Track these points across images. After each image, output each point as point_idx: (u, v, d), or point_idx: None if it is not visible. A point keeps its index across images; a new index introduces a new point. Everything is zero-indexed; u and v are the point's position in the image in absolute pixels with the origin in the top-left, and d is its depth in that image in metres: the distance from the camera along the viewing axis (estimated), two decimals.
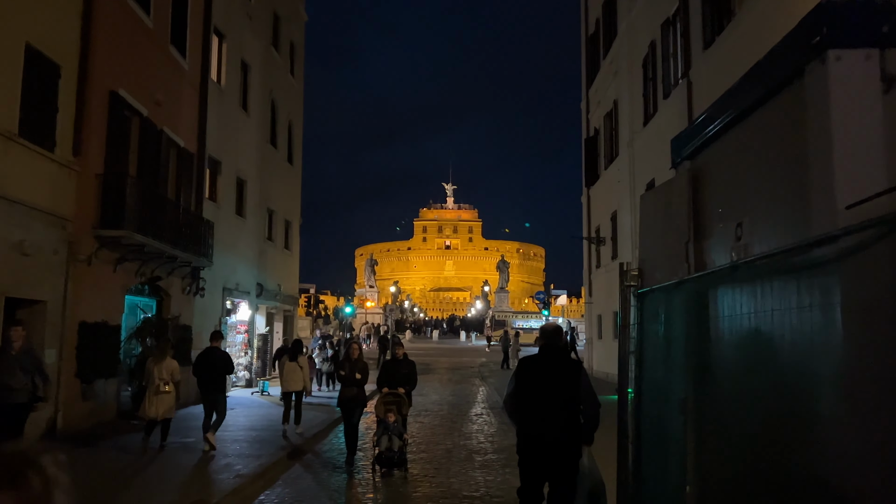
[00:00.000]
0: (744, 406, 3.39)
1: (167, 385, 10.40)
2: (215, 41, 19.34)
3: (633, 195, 20.57)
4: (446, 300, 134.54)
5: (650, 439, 4.80)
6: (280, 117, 25.74)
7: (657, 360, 4.80)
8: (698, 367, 3.94)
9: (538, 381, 5.64)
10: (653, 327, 4.91)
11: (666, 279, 4.55)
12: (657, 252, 4.95)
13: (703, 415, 3.86)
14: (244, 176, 21.43)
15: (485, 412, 16.01)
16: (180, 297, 16.62)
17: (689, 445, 4.04)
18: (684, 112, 15.59)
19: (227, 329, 19.70)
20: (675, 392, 4.37)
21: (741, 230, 3.52)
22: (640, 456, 5.03)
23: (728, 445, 3.55)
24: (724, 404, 3.60)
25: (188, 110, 17.22)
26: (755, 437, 3.27)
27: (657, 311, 4.79)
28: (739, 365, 3.44)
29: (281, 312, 26.52)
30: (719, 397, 3.66)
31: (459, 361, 35.76)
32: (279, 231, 25.77)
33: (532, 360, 5.83)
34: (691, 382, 4.06)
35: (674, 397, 4.38)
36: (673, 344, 4.41)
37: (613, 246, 23.48)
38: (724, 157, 3.92)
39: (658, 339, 4.78)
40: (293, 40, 27.91)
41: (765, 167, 3.35)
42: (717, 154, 4.04)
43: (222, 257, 19.23)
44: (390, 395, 9.33)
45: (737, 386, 3.49)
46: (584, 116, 28.39)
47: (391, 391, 9.48)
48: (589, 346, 27.58)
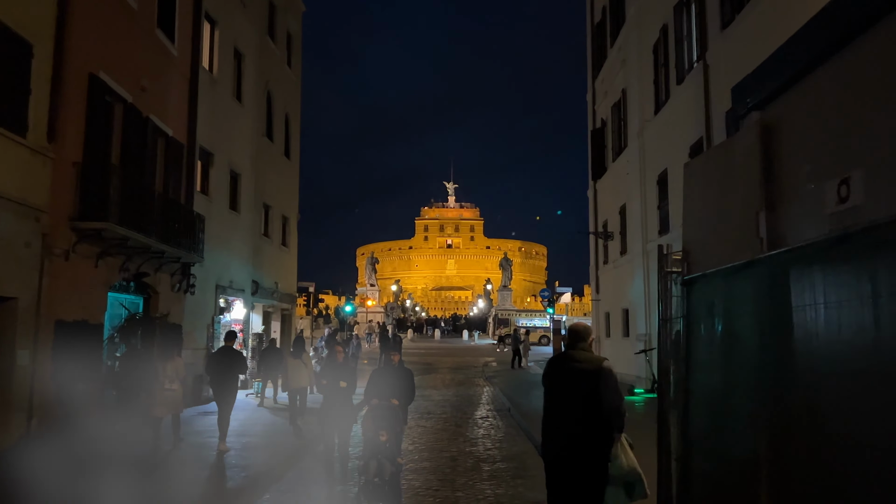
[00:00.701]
0: (855, 427, 2.53)
1: (173, 383, 10.82)
2: (207, 27, 18.51)
3: (644, 187, 19.73)
4: (448, 299, 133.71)
5: (704, 459, 3.94)
6: (276, 109, 24.90)
7: (712, 362, 3.92)
8: (779, 373, 3.07)
9: (556, 389, 5.10)
10: (705, 321, 4.03)
11: (725, 261, 3.67)
12: (710, 229, 4.07)
13: (787, 434, 3.01)
14: (238, 169, 20.59)
15: (490, 415, 15.17)
16: (169, 294, 15.79)
17: (765, 471, 3.19)
18: (700, 96, 14.72)
19: (221, 328, 18.87)
20: (741, 403, 3.50)
21: (847, 189, 2.66)
22: (689, 477, 4.17)
23: (828, 475, 2.69)
24: (823, 423, 2.75)
25: (177, 98, 16.39)
26: (872, 467, 2.41)
27: (712, 302, 3.91)
28: (849, 372, 2.58)
29: (278, 311, 25.70)
30: (815, 413, 2.80)
31: (462, 361, 34.93)
32: (276, 227, 24.94)
33: (552, 364, 5.30)
34: (766, 392, 3.21)
35: (739, 409, 3.52)
36: (737, 342, 3.54)
37: (622, 240, 22.61)
38: (816, 101, 3.05)
39: (714, 335, 3.89)
40: (290, 30, 27.06)
41: (890, 105, 2.48)
42: (804, 97, 3.17)
43: (215, 253, 18.40)
44: (381, 409, 7.65)
45: (843, 400, 2.63)
46: (590, 108, 27.53)
47: (382, 403, 7.81)
48: (596, 345, 26.71)
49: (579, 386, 4.76)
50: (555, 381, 5.07)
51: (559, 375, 5.04)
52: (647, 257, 19.48)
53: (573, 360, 4.95)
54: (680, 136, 16.56)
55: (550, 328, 39.66)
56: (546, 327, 47.69)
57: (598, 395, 4.64)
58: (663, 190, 18.09)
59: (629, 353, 20.85)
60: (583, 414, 4.69)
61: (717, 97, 14.06)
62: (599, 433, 4.68)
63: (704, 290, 4.08)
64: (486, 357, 37.27)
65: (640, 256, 19.90)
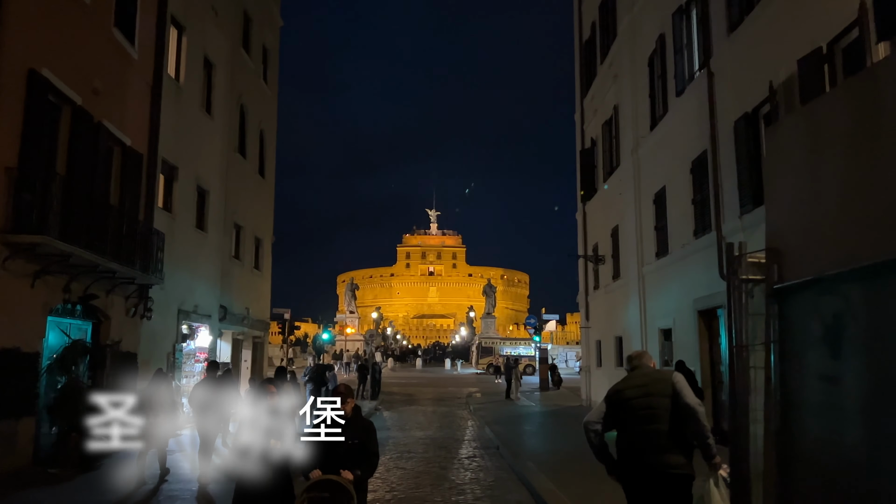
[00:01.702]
0: None
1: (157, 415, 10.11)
2: (173, 33, 17.26)
3: (639, 207, 18.60)
4: (430, 327, 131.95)
5: None
6: (250, 125, 23.62)
7: (831, 404, 2.63)
8: None
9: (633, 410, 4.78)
10: (816, 348, 2.75)
11: (849, 258, 2.36)
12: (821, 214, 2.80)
13: None
14: (206, 185, 19.19)
15: (478, 454, 13.72)
16: (123, 319, 14.27)
17: None
18: (704, 106, 13.66)
19: (183, 357, 17.31)
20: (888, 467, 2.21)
21: None
22: None
23: None
24: None
25: (137, 105, 15.05)
26: None
27: (832, 318, 2.63)
28: None
29: (249, 339, 24.13)
30: None
31: (445, 392, 33.36)
32: (248, 249, 23.48)
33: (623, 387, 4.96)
34: None
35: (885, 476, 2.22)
36: (882, 380, 2.27)
37: (614, 264, 21.43)
38: None
39: (832, 367, 2.62)
40: (266, 44, 25.91)
41: None
42: None
43: (178, 275, 16.92)
44: (325, 484, 5.00)
45: None
46: (578, 128, 26.54)
47: (327, 478, 5.03)
48: (586, 376, 25.38)
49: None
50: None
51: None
52: (642, 281, 18.30)
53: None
54: (680, 151, 15.49)
55: (536, 357, 38.28)
56: (531, 356, 46.21)
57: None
58: (661, 209, 16.97)
59: None
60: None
61: (723, 106, 13.01)
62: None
63: (816, 303, 2.75)
64: (469, 387, 35.73)
65: (635, 280, 18.70)
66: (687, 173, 14.99)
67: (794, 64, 10.04)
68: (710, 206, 13.60)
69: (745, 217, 12.03)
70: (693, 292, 14.65)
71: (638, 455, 4.61)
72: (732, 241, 4.37)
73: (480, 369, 52.58)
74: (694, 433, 4.44)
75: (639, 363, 5.03)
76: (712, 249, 13.33)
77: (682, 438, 4.49)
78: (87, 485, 10.75)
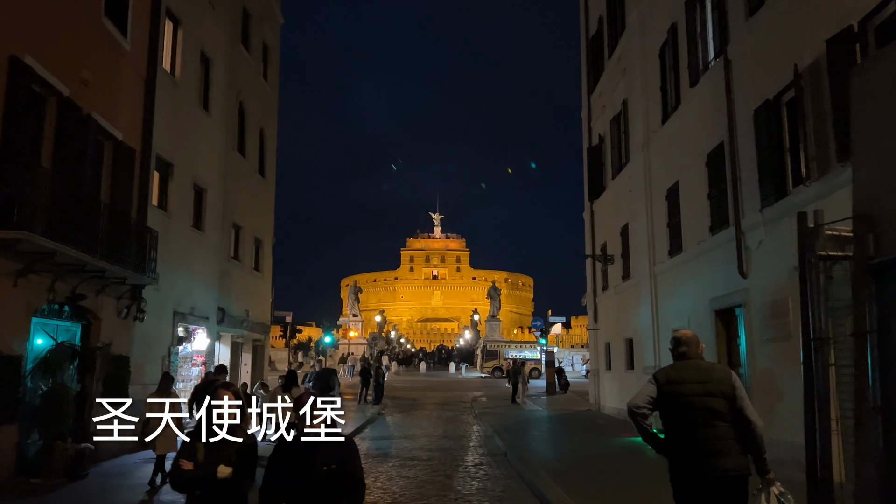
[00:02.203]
0: None
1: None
2: (168, 25, 16.71)
3: (650, 203, 17.97)
4: (434, 331, 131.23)
5: None
6: (250, 123, 23.07)
7: None
8: None
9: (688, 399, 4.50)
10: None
11: None
12: None
13: None
14: (203, 184, 18.63)
15: (485, 461, 13.09)
16: (114, 321, 13.69)
17: None
18: (720, 96, 13.04)
19: (178, 361, 16.72)
20: None
21: None
22: None
23: None
24: None
25: (130, 99, 14.50)
26: None
27: None
28: None
29: (249, 342, 23.55)
30: None
31: (450, 396, 32.71)
32: (247, 250, 22.91)
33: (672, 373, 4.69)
34: None
35: None
36: None
37: (624, 264, 20.79)
38: None
39: None
40: (267, 42, 25.39)
41: None
42: None
43: (174, 276, 16.36)
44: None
45: None
46: (585, 125, 25.92)
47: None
48: (594, 379, 24.71)
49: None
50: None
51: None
52: (654, 281, 17.66)
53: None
54: (694, 143, 14.86)
55: (542, 360, 37.63)
56: (536, 359, 45.53)
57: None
58: (674, 205, 16.33)
59: (636, 389, 18.86)
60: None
61: (742, 95, 12.38)
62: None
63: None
64: (474, 391, 35.07)
65: (646, 280, 18.05)
66: (702, 167, 14.36)
67: (822, 45, 9.43)
68: (728, 200, 12.97)
69: (767, 211, 11.40)
70: (709, 291, 14.02)
71: (696, 457, 4.34)
72: (797, 215, 3.75)
73: (485, 373, 51.88)
74: (749, 446, 4.26)
75: (690, 351, 4.68)
76: (730, 246, 12.70)
77: (738, 438, 4.31)
78: (74, 495, 10.19)
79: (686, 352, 4.73)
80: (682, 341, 4.76)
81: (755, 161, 11.77)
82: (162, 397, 9.57)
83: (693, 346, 4.74)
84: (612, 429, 17.74)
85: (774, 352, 11.26)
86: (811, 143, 9.91)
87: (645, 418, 4.56)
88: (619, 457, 13.05)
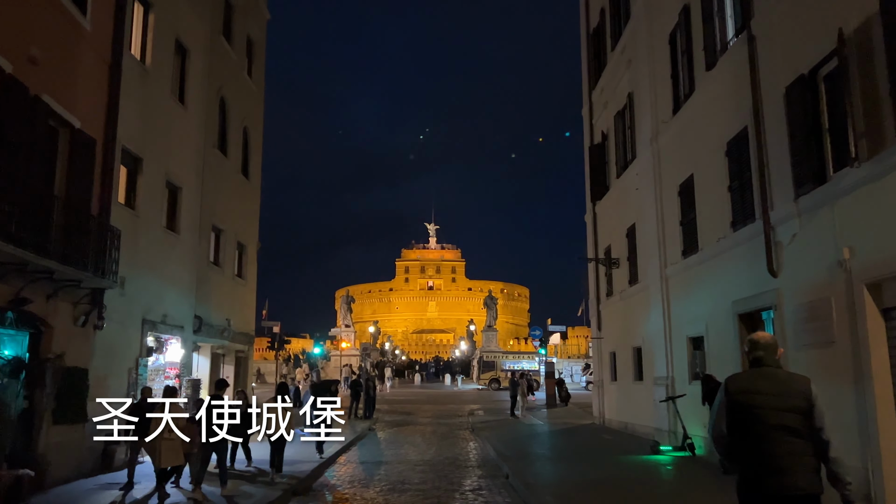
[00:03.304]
0: None
1: (171, 433, 9.88)
2: (138, 9, 15.41)
3: (660, 201, 16.67)
4: (429, 342, 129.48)
5: None
6: (232, 120, 21.74)
7: None
8: None
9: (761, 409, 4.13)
10: None
11: None
12: None
13: None
14: (178, 181, 17.24)
15: (484, 484, 11.68)
16: (70, 329, 12.27)
17: None
18: (743, 76, 11.76)
19: (147, 373, 15.26)
20: None
21: None
22: None
23: None
24: None
25: (91, 84, 13.14)
26: None
27: None
28: None
29: (232, 353, 22.09)
30: None
31: (445, 409, 31.21)
32: (229, 255, 21.48)
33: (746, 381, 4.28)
34: None
35: None
36: None
37: (631, 267, 19.46)
38: None
39: None
40: (251, 36, 24.10)
41: None
42: None
43: (142, 280, 14.98)
44: None
45: None
46: (586, 123, 24.67)
47: None
48: (598, 391, 23.30)
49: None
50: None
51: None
52: (665, 284, 16.32)
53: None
54: (712, 132, 13.58)
55: (541, 371, 36.20)
56: (534, 370, 44.02)
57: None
58: (688, 201, 15.03)
59: (645, 402, 17.51)
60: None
61: (769, 73, 11.10)
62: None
63: None
64: (471, 404, 33.58)
65: (657, 283, 16.71)
66: (721, 157, 13.06)
67: (875, 2, 8.15)
68: (753, 191, 11.67)
69: (802, 200, 10.09)
70: (731, 293, 12.68)
71: (765, 473, 4.07)
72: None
73: (482, 384, 50.36)
74: (825, 466, 4.09)
75: (767, 357, 4.33)
76: (757, 242, 11.39)
77: (814, 454, 4.08)
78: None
79: (762, 357, 4.34)
80: (759, 345, 4.39)
81: (787, 145, 10.47)
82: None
83: (770, 351, 4.36)
84: (621, 445, 16.35)
85: (812, 360, 9.90)
86: (859, 118, 8.60)
87: (728, 445, 4.27)
88: (635, 479, 11.66)
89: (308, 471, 12.59)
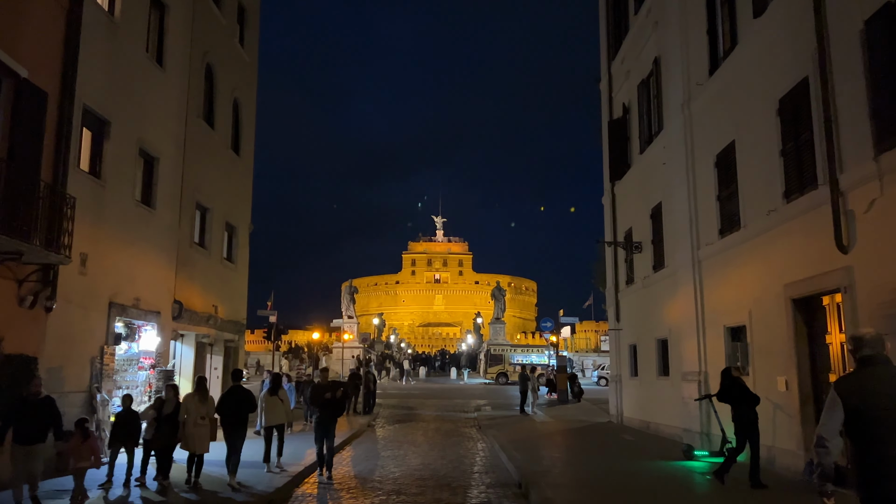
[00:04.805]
0: None
1: (203, 418, 10.48)
2: None
3: (692, 174, 14.83)
4: (436, 335, 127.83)
5: None
6: (221, 90, 20.00)
7: None
8: None
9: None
10: None
11: None
12: None
13: None
14: (155, 151, 15.53)
15: (494, 496, 9.92)
16: (13, 310, 10.58)
17: None
18: (802, 18, 9.93)
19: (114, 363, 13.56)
20: None
21: None
22: None
23: None
24: None
25: (42, 30, 11.42)
26: None
27: None
28: None
29: (220, 342, 20.37)
30: None
31: (450, 404, 29.47)
32: (216, 236, 19.76)
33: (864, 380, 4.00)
34: None
35: None
36: None
37: (655, 251, 17.62)
38: None
39: None
40: (243, 2, 22.34)
41: None
42: None
43: (109, 258, 13.32)
44: None
45: None
46: (605, 97, 22.79)
47: None
48: (615, 387, 21.49)
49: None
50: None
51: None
52: (698, 267, 14.50)
53: None
54: (760, 89, 11.73)
55: (552, 365, 34.39)
56: (543, 364, 42.18)
57: None
58: (727, 173, 13.20)
59: (672, 399, 15.71)
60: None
61: (840, 8, 9.25)
62: None
63: None
64: (478, 399, 31.84)
65: (687, 268, 14.89)
66: (772, 116, 11.21)
67: None
68: (816, 152, 9.83)
69: (884, 158, 8.26)
70: (783, 275, 10.86)
71: (885, 478, 3.74)
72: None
73: (489, 378, 48.60)
74: None
75: (877, 354, 4.02)
76: (820, 213, 9.57)
77: None
78: None
79: (872, 356, 4.06)
80: (865, 342, 4.11)
81: (864, 94, 8.64)
82: (197, 401, 10.58)
83: (879, 346, 4.07)
84: (646, 447, 14.57)
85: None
86: None
87: (830, 454, 3.92)
88: (675, 492, 9.86)
89: (281, 484, 10.75)
